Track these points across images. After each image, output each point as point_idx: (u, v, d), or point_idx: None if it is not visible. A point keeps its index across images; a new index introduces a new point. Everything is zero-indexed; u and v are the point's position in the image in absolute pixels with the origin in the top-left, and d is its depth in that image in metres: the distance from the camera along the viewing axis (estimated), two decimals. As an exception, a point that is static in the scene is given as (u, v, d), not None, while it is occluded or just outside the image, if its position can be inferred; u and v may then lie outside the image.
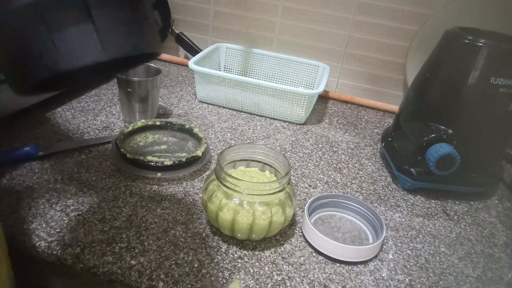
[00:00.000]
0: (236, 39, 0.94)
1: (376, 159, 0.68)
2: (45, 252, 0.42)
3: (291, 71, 0.89)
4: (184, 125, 0.64)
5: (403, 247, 0.49)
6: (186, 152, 0.61)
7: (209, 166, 0.60)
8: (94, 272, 0.41)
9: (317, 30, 0.88)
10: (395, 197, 0.59)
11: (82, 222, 0.46)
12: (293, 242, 0.47)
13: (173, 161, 0.55)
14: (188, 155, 0.56)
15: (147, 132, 0.64)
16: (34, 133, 0.62)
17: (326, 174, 0.62)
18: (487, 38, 0.54)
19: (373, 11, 0.82)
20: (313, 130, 0.76)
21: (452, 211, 0.58)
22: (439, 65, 0.59)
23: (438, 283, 0.45)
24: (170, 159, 0.55)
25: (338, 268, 0.45)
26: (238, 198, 0.43)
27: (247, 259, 0.44)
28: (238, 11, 0.91)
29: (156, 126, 0.65)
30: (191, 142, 0.64)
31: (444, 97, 0.57)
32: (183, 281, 0.40)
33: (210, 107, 0.79)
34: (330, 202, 0.53)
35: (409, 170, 0.59)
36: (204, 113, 0.76)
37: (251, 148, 0.51)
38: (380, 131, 0.78)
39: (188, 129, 0.64)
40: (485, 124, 0.56)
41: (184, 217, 0.49)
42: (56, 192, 0.50)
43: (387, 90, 0.89)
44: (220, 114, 0.77)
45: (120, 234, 0.45)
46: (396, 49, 0.85)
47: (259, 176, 0.50)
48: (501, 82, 0.53)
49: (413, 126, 0.60)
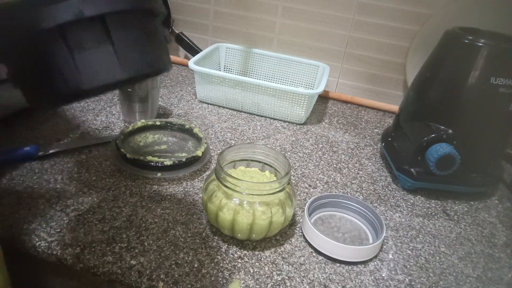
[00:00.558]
0: (236, 39, 0.94)
1: (376, 159, 0.68)
2: (45, 252, 0.42)
3: (291, 71, 0.89)
4: (184, 125, 0.64)
5: (403, 247, 0.49)
6: (186, 152, 0.61)
7: (209, 166, 0.60)
8: (94, 272, 0.41)
9: (317, 30, 0.88)
10: (395, 197, 0.59)
11: (82, 222, 0.46)
12: (293, 242, 0.47)
13: (173, 161, 0.55)
14: (188, 155, 0.56)
15: (147, 132, 0.64)
16: (34, 133, 0.62)
17: (326, 174, 0.62)
18: (487, 38, 0.54)
19: (373, 11, 0.82)
20: (313, 130, 0.76)
21: (452, 211, 0.58)
22: (439, 65, 0.59)
23: (438, 283, 0.45)
24: (170, 159, 0.55)
25: (338, 268, 0.45)
26: (238, 198, 0.43)
27: (247, 259, 0.44)
28: (238, 11, 0.91)
29: (156, 126, 0.65)
30: (191, 142, 0.64)
31: (444, 97, 0.57)
32: (183, 281, 0.40)
33: (210, 107, 0.79)
34: (330, 202, 0.53)
35: (409, 170, 0.59)
36: (204, 113, 0.76)
37: (251, 148, 0.51)
38: (380, 131, 0.78)
39: (188, 129, 0.64)
40: (485, 124, 0.56)
41: (184, 217, 0.49)
42: (56, 192, 0.50)
43: (387, 90, 0.89)
44: (220, 114, 0.77)
45: (120, 234, 0.45)
46: (396, 49, 0.85)
47: (259, 176, 0.50)
48: (501, 82, 0.53)
49: (413, 126, 0.60)
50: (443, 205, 0.59)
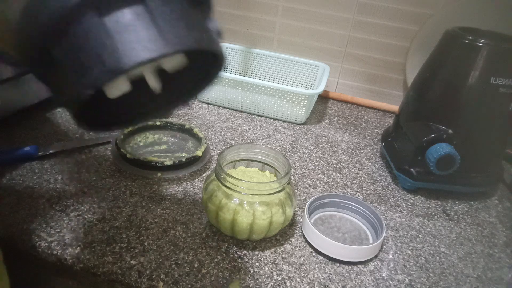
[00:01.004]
0: (236, 39, 0.94)
1: (376, 159, 0.68)
2: (45, 252, 0.42)
3: (291, 71, 0.89)
4: (184, 125, 0.64)
5: (403, 247, 0.49)
6: (186, 152, 0.61)
7: (209, 166, 0.60)
8: (94, 272, 0.41)
9: (317, 30, 0.87)
10: (395, 197, 0.59)
11: (82, 222, 0.46)
12: (293, 242, 0.47)
13: (173, 161, 0.55)
14: (188, 155, 0.56)
15: (147, 132, 0.64)
16: (34, 133, 0.62)
17: (326, 174, 0.62)
18: (487, 38, 0.54)
19: (373, 11, 0.82)
20: (313, 130, 0.76)
21: (452, 211, 0.58)
22: (439, 65, 0.59)
23: (438, 283, 0.45)
24: (170, 159, 0.55)
25: (338, 268, 0.45)
26: (238, 198, 0.43)
27: (247, 259, 0.44)
28: (238, 11, 0.91)
29: (156, 126, 0.65)
30: (191, 142, 0.64)
31: (444, 97, 0.57)
32: (183, 281, 0.40)
33: (210, 107, 0.79)
34: (330, 202, 0.53)
35: (409, 170, 0.59)
36: (204, 113, 0.76)
37: (251, 148, 0.51)
38: (380, 131, 0.78)
39: (188, 129, 0.64)
40: (485, 124, 0.56)
41: (184, 217, 0.49)
42: (56, 192, 0.50)
43: (387, 90, 0.89)
44: (220, 114, 0.77)
45: (120, 234, 0.45)
46: (396, 49, 0.85)
47: (259, 176, 0.50)
48: (501, 82, 0.53)
49: (413, 126, 0.60)
50: (443, 205, 0.59)
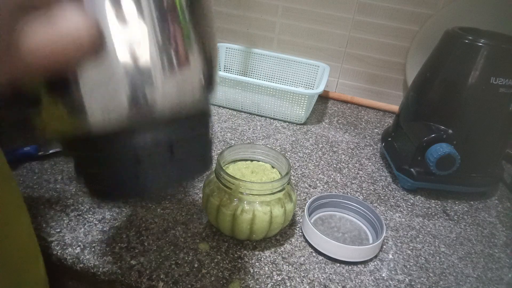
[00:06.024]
0: (236, 39, 0.94)
1: (376, 159, 0.68)
2: (45, 252, 0.42)
3: (291, 71, 0.89)
4: (184, 125, 0.64)
5: (403, 247, 0.49)
6: (186, 152, 0.61)
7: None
8: (94, 272, 0.41)
9: (317, 30, 0.87)
10: (395, 197, 0.59)
11: (82, 222, 0.46)
12: (293, 242, 0.47)
13: (173, 161, 0.55)
14: (188, 155, 0.56)
15: (147, 132, 0.64)
16: (34, 133, 0.62)
17: (326, 174, 0.62)
18: (487, 38, 0.54)
19: (373, 11, 0.82)
20: (313, 130, 0.76)
21: (452, 211, 0.58)
22: (439, 65, 0.59)
23: (438, 283, 0.45)
24: (170, 159, 0.55)
25: (338, 268, 0.45)
26: (238, 198, 0.43)
27: (247, 259, 0.44)
28: (238, 11, 0.91)
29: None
30: (191, 142, 0.63)
31: (444, 97, 0.57)
32: (183, 281, 0.40)
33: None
34: (330, 202, 0.53)
35: (409, 170, 0.59)
36: (204, 113, 0.76)
37: (251, 148, 0.51)
38: (380, 131, 0.78)
39: (188, 129, 0.64)
40: (485, 124, 0.56)
41: (184, 217, 0.49)
42: (56, 192, 0.50)
43: (387, 90, 0.89)
44: (220, 114, 0.77)
45: (120, 234, 0.45)
46: (396, 49, 0.85)
47: (261, 170, 0.49)
48: (501, 82, 0.53)
49: (413, 126, 0.60)
50: (443, 205, 0.59)
